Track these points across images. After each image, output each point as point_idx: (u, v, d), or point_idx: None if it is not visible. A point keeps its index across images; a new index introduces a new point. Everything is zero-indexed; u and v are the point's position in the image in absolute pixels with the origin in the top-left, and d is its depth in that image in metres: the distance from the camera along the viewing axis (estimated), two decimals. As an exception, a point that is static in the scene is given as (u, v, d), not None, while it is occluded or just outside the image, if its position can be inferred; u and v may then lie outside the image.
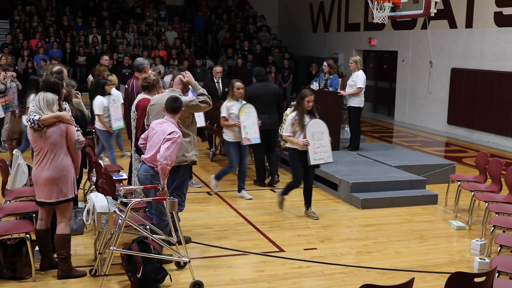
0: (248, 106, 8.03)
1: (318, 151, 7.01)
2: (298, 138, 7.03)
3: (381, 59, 18.47)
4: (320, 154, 7.02)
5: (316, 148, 7.00)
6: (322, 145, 7.03)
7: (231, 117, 7.94)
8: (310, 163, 6.98)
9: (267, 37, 21.68)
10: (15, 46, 17.59)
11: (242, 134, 7.89)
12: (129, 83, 7.57)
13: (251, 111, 8.04)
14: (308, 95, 7.02)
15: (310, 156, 6.95)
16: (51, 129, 5.04)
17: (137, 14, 21.15)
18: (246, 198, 8.10)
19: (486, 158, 7.73)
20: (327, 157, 7.11)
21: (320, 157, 7.03)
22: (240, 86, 8.01)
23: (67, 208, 5.21)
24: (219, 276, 5.45)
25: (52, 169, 5.05)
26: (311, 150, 6.96)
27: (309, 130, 6.97)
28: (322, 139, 7.05)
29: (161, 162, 5.23)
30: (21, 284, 5.15)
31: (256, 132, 8.04)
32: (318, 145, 7.00)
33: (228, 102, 8.01)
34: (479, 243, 6.22)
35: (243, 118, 7.91)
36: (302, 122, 7.04)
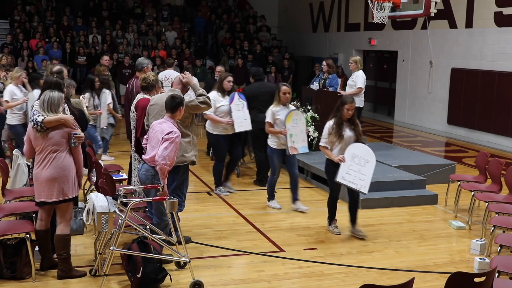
0: (296, 113, 7.47)
1: (352, 173, 6.32)
2: (335, 149, 6.47)
3: (381, 59, 18.47)
4: (353, 177, 6.32)
5: (351, 169, 6.33)
6: (361, 172, 6.32)
7: (277, 123, 7.34)
8: (336, 178, 6.37)
9: (267, 37, 21.69)
10: (15, 46, 17.59)
11: (288, 143, 7.26)
12: (130, 83, 7.58)
13: (299, 118, 7.45)
14: (348, 102, 6.40)
15: (340, 173, 6.33)
16: (53, 130, 5.04)
17: (137, 14, 21.15)
18: (301, 209, 7.54)
19: (486, 158, 7.73)
20: (362, 186, 6.33)
21: (351, 180, 6.33)
22: (286, 90, 7.39)
23: (67, 209, 5.21)
24: (219, 276, 5.45)
25: (53, 169, 5.05)
26: (343, 168, 6.33)
27: (350, 151, 6.37)
28: (363, 166, 6.35)
29: (159, 162, 5.23)
30: (21, 284, 5.15)
31: (304, 140, 7.45)
32: (356, 169, 6.32)
33: (274, 107, 7.43)
34: (479, 243, 6.22)
35: (289, 126, 7.28)
36: (340, 132, 6.42)
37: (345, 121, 6.46)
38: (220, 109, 8.02)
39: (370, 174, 6.35)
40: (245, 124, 8.18)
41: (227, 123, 8.01)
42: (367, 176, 6.33)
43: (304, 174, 9.30)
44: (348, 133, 6.46)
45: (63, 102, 5.22)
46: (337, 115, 6.46)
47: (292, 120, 7.31)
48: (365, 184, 6.32)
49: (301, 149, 7.43)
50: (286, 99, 7.39)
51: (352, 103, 6.41)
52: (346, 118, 6.45)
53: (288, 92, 7.39)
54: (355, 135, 6.49)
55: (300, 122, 7.44)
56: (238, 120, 8.06)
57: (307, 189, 8.80)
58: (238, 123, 8.06)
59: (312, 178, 9.09)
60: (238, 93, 8.20)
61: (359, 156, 6.36)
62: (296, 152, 7.37)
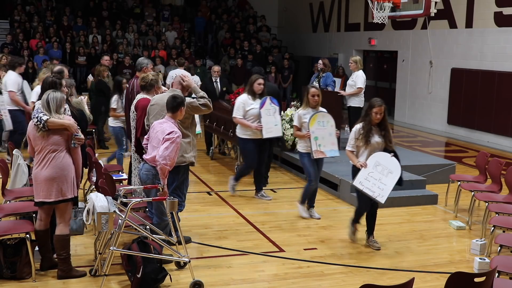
0: (322, 115, 7.03)
1: (372, 181, 5.95)
2: (361, 155, 6.11)
3: (381, 59, 18.47)
4: (371, 184, 5.95)
5: (371, 176, 5.96)
6: (382, 182, 5.92)
7: (304, 126, 7.01)
8: (353, 182, 6.09)
9: (267, 37, 21.69)
10: (15, 46, 17.59)
11: (312, 146, 6.93)
12: (130, 82, 7.58)
13: (326, 120, 7.03)
14: (376, 105, 5.97)
15: (358, 177, 6.02)
16: (53, 130, 5.04)
17: (137, 14, 21.15)
18: (315, 217, 7.32)
19: (486, 158, 7.73)
20: (379, 195, 5.93)
21: (369, 186, 5.95)
22: (315, 92, 7.02)
23: (66, 209, 5.21)
24: (219, 276, 5.45)
25: (52, 168, 5.05)
26: (363, 173, 6.00)
27: (374, 158, 6.01)
28: (385, 176, 5.93)
29: (159, 162, 5.23)
30: (21, 284, 5.15)
31: (333, 143, 7.04)
32: (377, 177, 5.94)
33: (301, 110, 7.13)
34: (479, 243, 6.22)
35: (314, 128, 6.94)
36: (367, 137, 6.01)
37: (374, 126, 6.04)
38: (249, 112, 7.73)
39: (391, 185, 5.94)
40: (275, 130, 7.84)
41: (255, 128, 7.69)
42: (387, 186, 5.93)
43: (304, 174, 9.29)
44: (376, 139, 6.04)
45: (64, 102, 5.23)
46: (366, 119, 6.08)
47: (317, 123, 6.98)
48: (384, 194, 5.93)
49: (330, 153, 7.05)
50: (315, 101, 7.02)
51: (381, 106, 5.97)
52: (375, 123, 6.02)
53: (317, 94, 7.02)
54: (384, 142, 6.08)
55: (328, 124, 7.04)
56: (268, 126, 7.70)
57: (307, 189, 8.80)
58: (267, 129, 7.70)
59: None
60: (270, 98, 7.81)
61: (383, 165, 5.98)
62: (322, 156, 7.03)
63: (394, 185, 5.96)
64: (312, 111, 7.02)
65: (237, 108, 7.80)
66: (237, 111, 7.80)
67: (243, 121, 7.75)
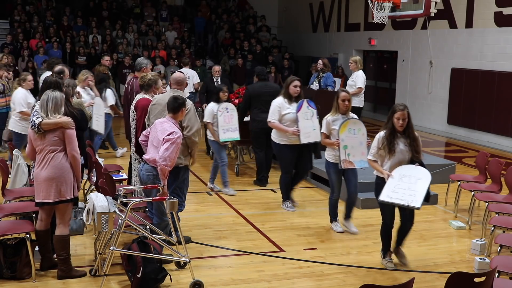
0: (354, 122, 6.56)
1: (401, 191, 5.41)
2: (385, 165, 5.62)
3: (381, 59, 18.47)
4: (401, 194, 5.39)
5: (398, 188, 5.43)
6: (412, 189, 5.37)
7: (333, 133, 6.55)
8: (380, 197, 5.52)
9: (267, 37, 21.68)
10: (15, 46, 17.59)
11: (341, 155, 6.46)
12: (129, 82, 7.59)
13: (358, 128, 6.53)
14: (397, 110, 5.47)
15: (384, 191, 5.47)
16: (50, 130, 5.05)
17: (137, 14, 21.15)
18: (351, 231, 6.78)
19: (486, 158, 7.73)
20: (412, 200, 5.32)
21: (399, 197, 5.39)
22: (346, 97, 6.55)
23: (66, 209, 5.21)
24: (219, 276, 5.45)
25: (51, 168, 5.05)
26: (389, 186, 5.47)
27: (399, 171, 5.51)
28: (414, 183, 5.40)
29: (159, 163, 5.23)
30: (21, 284, 5.15)
31: (364, 153, 6.48)
32: (405, 187, 5.40)
33: (330, 116, 6.63)
34: (479, 243, 6.22)
35: (344, 136, 6.45)
36: (391, 145, 5.51)
37: (399, 133, 5.51)
38: (285, 117, 7.32)
39: (424, 189, 5.36)
40: (313, 135, 7.34)
41: (292, 132, 7.25)
42: (419, 191, 5.35)
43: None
44: (401, 147, 5.53)
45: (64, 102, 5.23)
46: (388, 125, 5.54)
47: (348, 130, 6.47)
48: (417, 199, 5.32)
49: (359, 164, 6.54)
50: (345, 107, 6.55)
51: (403, 111, 5.44)
52: (399, 130, 5.49)
53: (348, 99, 6.56)
54: (410, 151, 5.55)
55: (359, 133, 6.53)
56: (305, 130, 7.28)
57: (307, 189, 8.80)
58: (304, 134, 7.28)
59: (312, 178, 9.08)
60: (307, 101, 7.39)
61: (410, 176, 5.46)
62: (351, 167, 6.53)
63: (426, 189, 5.36)
64: (342, 118, 6.56)
65: (273, 112, 7.39)
66: (272, 115, 7.39)
67: (280, 126, 7.33)
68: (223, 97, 8.38)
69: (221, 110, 8.28)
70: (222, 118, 8.25)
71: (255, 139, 8.91)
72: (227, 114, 8.33)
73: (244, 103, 8.95)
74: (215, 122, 8.28)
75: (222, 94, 8.38)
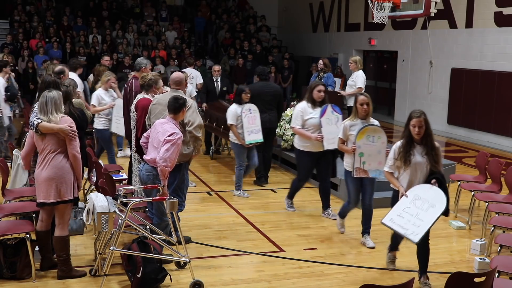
0: (374, 129, 6.10)
1: (407, 217, 4.98)
2: (401, 177, 5.23)
3: (381, 59, 18.47)
4: (405, 221, 4.97)
5: (406, 212, 5.01)
6: (420, 218, 4.91)
7: (350, 139, 6.21)
8: (382, 219, 5.14)
9: (267, 37, 21.68)
10: (15, 46, 17.60)
11: (355, 162, 6.11)
12: (128, 83, 7.59)
13: (378, 136, 6.10)
14: (413, 117, 5.05)
15: (391, 213, 5.11)
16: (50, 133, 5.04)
17: (137, 14, 21.15)
18: (368, 245, 6.36)
19: (486, 158, 7.73)
20: (413, 232, 4.87)
21: (401, 224, 4.98)
22: (365, 100, 6.16)
23: (65, 210, 5.21)
24: (219, 276, 5.45)
25: (51, 169, 5.06)
26: (397, 209, 5.10)
27: (414, 191, 5.09)
28: (425, 211, 4.92)
29: (160, 164, 5.23)
30: (21, 284, 5.15)
31: (380, 163, 6.07)
32: (413, 212, 4.96)
33: (349, 121, 6.30)
34: (479, 243, 6.22)
35: (361, 143, 6.06)
36: (406, 156, 5.11)
37: (416, 142, 5.11)
38: (308, 122, 7.00)
39: (431, 221, 4.87)
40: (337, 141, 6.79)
41: (315, 139, 6.94)
42: (425, 222, 4.87)
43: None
44: (417, 158, 5.11)
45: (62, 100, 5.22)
46: (405, 134, 5.14)
47: (366, 138, 6.06)
48: (419, 232, 4.83)
49: (374, 173, 6.17)
50: (364, 111, 6.13)
51: (419, 118, 5.01)
52: (417, 139, 5.09)
53: (367, 103, 6.14)
54: (428, 162, 5.11)
55: (379, 141, 6.09)
56: (329, 136, 6.89)
57: (307, 189, 8.79)
58: (328, 140, 6.90)
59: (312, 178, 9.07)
60: (332, 105, 7.06)
61: (423, 199, 4.99)
62: (364, 175, 6.16)
63: (434, 221, 4.88)
64: (361, 123, 6.16)
65: (295, 117, 7.12)
66: (295, 120, 7.12)
67: (302, 132, 7.04)
68: (245, 98, 8.18)
69: (245, 111, 8.11)
70: (246, 120, 8.10)
71: None
72: (251, 115, 8.16)
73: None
74: (239, 124, 8.11)
75: (244, 95, 8.18)
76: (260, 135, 8.26)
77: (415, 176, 5.17)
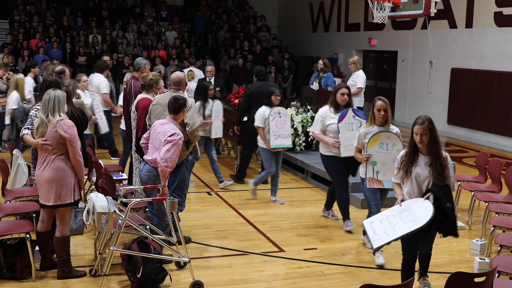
0: (387, 136, 5.74)
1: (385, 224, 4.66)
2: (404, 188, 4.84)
3: (381, 59, 18.47)
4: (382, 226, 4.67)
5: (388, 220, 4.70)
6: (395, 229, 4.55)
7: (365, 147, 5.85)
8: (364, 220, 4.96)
9: (267, 37, 21.69)
10: (15, 46, 17.60)
11: (367, 172, 5.78)
12: (128, 83, 7.60)
13: (392, 143, 5.73)
14: (416, 123, 4.64)
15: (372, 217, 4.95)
16: (48, 134, 5.03)
17: (137, 14, 21.16)
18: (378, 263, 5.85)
19: (486, 158, 7.73)
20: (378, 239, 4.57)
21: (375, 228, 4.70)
22: (382, 106, 5.75)
23: (66, 212, 5.21)
24: (219, 276, 5.45)
25: (51, 170, 5.05)
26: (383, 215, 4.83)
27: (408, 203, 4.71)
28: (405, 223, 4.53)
29: (161, 164, 5.23)
30: (21, 284, 5.15)
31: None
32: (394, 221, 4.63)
33: (364, 128, 5.95)
34: (479, 243, 6.22)
35: (373, 151, 5.72)
36: (407, 166, 4.72)
37: (422, 152, 4.69)
38: (329, 127, 6.64)
39: (401, 234, 4.49)
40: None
41: (332, 145, 6.55)
42: (395, 233, 4.51)
43: (304, 174, 9.30)
44: (418, 170, 4.69)
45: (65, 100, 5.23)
46: (409, 142, 4.74)
47: (379, 145, 5.71)
48: (383, 240, 4.52)
49: (389, 184, 5.60)
50: (382, 117, 5.71)
51: (422, 125, 4.59)
52: (420, 147, 4.66)
53: (385, 109, 5.72)
54: (431, 174, 4.65)
55: (394, 148, 5.69)
56: (347, 143, 6.43)
57: (307, 189, 8.80)
58: (345, 146, 6.47)
59: (312, 178, 9.08)
60: (353, 110, 6.63)
61: (411, 212, 4.59)
62: (379, 186, 5.78)
63: (404, 234, 4.49)
64: (378, 130, 5.75)
65: (316, 122, 6.80)
66: (315, 125, 6.81)
67: (321, 137, 6.68)
68: (275, 101, 7.81)
69: (273, 114, 7.76)
70: (274, 123, 7.74)
71: (249, 139, 8.93)
72: (280, 119, 7.80)
73: (244, 101, 8.94)
74: (266, 127, 7.78)
75: (274, 98, 7.81)
76: (289, 140, 7.88)
77: (414, 188, 4.76)
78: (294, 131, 9.49)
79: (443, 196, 4.58)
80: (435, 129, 4.66)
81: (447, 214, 4.56)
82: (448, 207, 4.56)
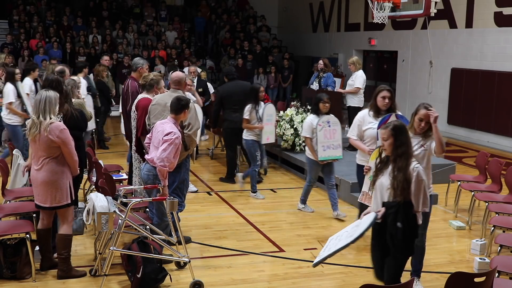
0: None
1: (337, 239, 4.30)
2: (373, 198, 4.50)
3: (381, 59, 18.47)
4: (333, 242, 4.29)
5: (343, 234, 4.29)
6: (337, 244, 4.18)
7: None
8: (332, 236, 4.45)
9: (267, 37, 21.69)
10: (15, 46, 17.60)
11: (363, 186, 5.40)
12: (125, 83, 7.59)
13: None
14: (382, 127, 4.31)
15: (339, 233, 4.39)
16: (41, 137, 5.00)
17: (137, 14, 21.16)
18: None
19: (486, 158, 7.73)
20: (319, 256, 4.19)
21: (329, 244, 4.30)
22: (426, 117, 4.88)
23: (66, 212, 5.21)
24: (219, 276, 5.45)
25: (46, 173, 5.04)
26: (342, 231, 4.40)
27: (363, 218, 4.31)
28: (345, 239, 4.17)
29: (157, 164, 5.23)
30: (21, 284, 5.15)
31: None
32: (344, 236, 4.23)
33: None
34: (479, 243, 6.22)
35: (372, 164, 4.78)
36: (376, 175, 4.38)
37: (391, 161, 4.21)
38: (366, 132, 6.07)
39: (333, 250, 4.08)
40: None
41: (368, 152, 5.92)
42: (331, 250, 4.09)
43: (304, 174, 9.29)
44: (382, 180, 4.29)
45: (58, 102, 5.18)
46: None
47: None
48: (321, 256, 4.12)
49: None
50: (421, 129, 4.89)
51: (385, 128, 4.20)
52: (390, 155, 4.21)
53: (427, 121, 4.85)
54: (392, 188, 4.15)
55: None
56: None
57: (307, 189, 8.80)
58: None
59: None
60: (396, 115, 5.88)
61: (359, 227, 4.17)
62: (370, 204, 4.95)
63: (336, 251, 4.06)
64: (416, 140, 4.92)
65: (352, 127, 6.28)
66: (351, 130, 6.28)
67: (357, 143, 6.16)
68: (323, 108, 7.09)
69: (321, 124, 7.09)
70: (322, 133, 7.10)
71: (226, 139, 8.95)
72: (329, 128, 7.15)
73: (215, 105, 8.95)
74: (314, 137, 7.14)
75: (322, 105, 7.08)
76: (340, 151, 7.25)
77: (378, 199, 4.33)
78: (294, 131, 9.50)
79: (393, 214, 4.11)
80: (403, 137, 4.20)
81: (391, 234, 4.12)
82: (397, 227, 4.09)
